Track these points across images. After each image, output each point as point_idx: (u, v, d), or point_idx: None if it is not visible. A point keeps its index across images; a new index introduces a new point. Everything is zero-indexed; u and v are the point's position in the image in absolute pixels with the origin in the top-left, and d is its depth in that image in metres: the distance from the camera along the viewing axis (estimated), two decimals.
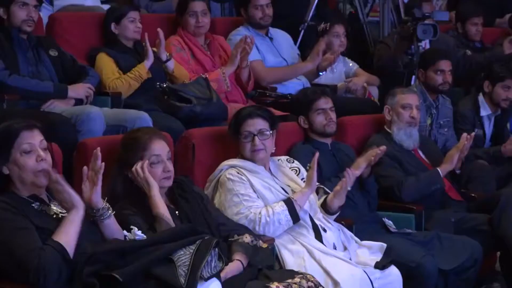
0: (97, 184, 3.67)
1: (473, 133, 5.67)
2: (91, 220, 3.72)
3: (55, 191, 3.63)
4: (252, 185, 4.56)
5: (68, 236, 3.53)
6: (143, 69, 5.52)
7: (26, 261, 3.43)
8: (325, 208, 4.74)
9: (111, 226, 3.75)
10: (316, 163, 4.54)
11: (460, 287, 5.07)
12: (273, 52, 6.57)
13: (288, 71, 6.54)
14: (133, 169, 4.04)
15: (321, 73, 6.65)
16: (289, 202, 4.48)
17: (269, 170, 4.76)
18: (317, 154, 4.58)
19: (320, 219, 4.70)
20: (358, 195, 5.16)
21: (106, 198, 3.77)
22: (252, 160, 4.67)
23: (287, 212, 4.45)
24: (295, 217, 4.48)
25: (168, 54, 5.71)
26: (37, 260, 3.42)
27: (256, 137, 4.63)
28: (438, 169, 5.43)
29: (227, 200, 4.51)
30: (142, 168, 4.02)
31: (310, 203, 4.66)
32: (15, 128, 3.76)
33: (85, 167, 3.67)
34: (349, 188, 4.66)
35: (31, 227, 3.56)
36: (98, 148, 3.69)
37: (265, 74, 6.42)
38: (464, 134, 5.55)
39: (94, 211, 3.71)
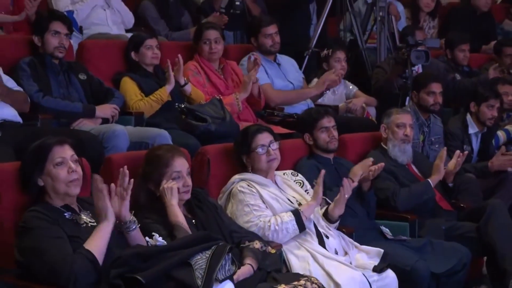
0: (126, 199, 3.68)
1: (465, 152, 5.68)
2: (118, 231, 3.72)
3: (96, 198, 3.63)
4: (261, 196, 4.55)
5: (98, 246, 3.54)
6: (164, 93, 5.53)
7: (58, 267, 3.45)
8: (327, 217, 4.74)
9: (136, 236, 3.75)
10: (322, 179, 4.54)
11: None
12: (280, 76, 6.57)
13: (295, 96, 6.53)
14: (161, 188, 4.06)
15: (325, 93, 6.67)
16: (296, 213, 4.48)
17: (276, 183, 4.75)
18: (323, 172, 4.57)
19: (323, 226, 4.69)
20: (358, 205, 5.14)
21: (133, 212, 3.78)
22: (267, 170, 4.68)
23: (294, 222, 4.45)
24: (301, 227, 4.47)
25: (185, 78, 5.72)
26: (69, 267, 3.43)
27: (270, 148, 4.66)
28: (429, 180, 5.43)
29: (239, 209, 4.51)
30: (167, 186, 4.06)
31: (313, 212, 4.67)
32: (48, 144, 3.78)
33: (112, 184, 3.65)
34: (347, 197, 4.64)
35: (63, 235, 3.58)
36: (125, 166, 3.70)
37: (274, 96, 6.42)
38: (457, 152, 5.56)
39: (122, 223, 3.71)
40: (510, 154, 6.16)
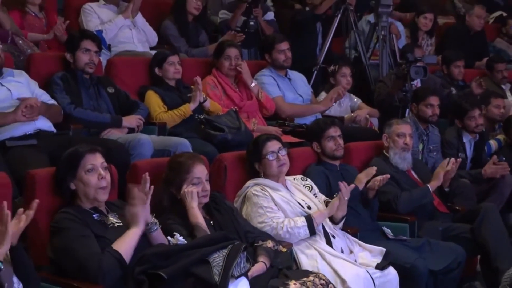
0: (146, 203, 3.67)
1: (459, 159, 5.67)
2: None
3: (130, 205, 3.66)
4: (273, 199, 4.55)
5: (126, 247, 3.55)
6: (188, 110, 5.52)
7: (87, 264, 3.46)
8: (331, 219, 4.74)
9: (158, 237, 3.75)
10: (345, 194, 4.57)
11: (447, 285, 5.02)
12: (291, 90, 6.56)
13: (304, 109, 6.51)
14: (182, 192, 4.07)
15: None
16: (309, 219, 4.48)
17: (286, 187, 4.75)
18: (343, 188, 4.59)
19: (330, 227, 4.68)
20: (362, 208, 5.14)
21: (155, 214, 3.77)
22: (278, 175, 4.68)
23: (306, 228, 4.45)
24: (312, 232, 4.48)
25: (204, 95, 5.72)
26: (97, 264, 3.44)
27: (279, 154, 4.66)
28: (428, 185, 5.42)
29: (253, 211, 4.50)
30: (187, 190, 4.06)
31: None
32: (80, 151, 3.79)
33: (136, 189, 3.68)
34: (346, 199, 4.63)
35: (91, 235, 3.59)
36: (147, 173, 3.69)
37: (286, 108, 6.40)
38: (452, 159, 5.55)
39: (145, 225, 3.72)
40: (501, 163, 6.12)
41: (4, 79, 4.91)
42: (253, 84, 6.19)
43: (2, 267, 3.10)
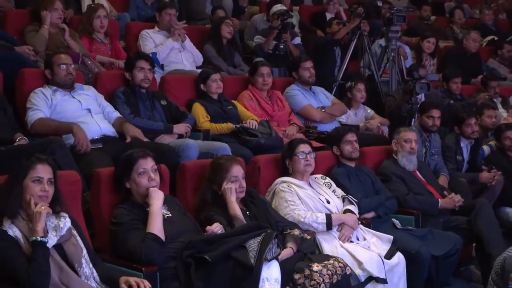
0: None
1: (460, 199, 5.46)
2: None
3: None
4: (297, 195, 4.54)
5: (155, 225, 3.56)
6: (228, 129, 5.48)
7: (135, 252, 3.49)
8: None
9: None
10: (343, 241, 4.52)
11: (447, 268, 4.96)
12: (315, 101, 6.52)
13: (328, 115, 6.44)
14: (222, 188, 4.08)
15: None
16: (329, 218, 4.46)
17: (309, 185, 4.73)
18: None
19: None
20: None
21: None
22: (303, 173, 4.67)
23: (325, 224, 4.44)
24: (329, 228, 4.46)
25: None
26: (141, 250, 3.47)
27: (308, 156, 4.66)
28: (440, 200, 5.34)
29: (280, 204, 4.50)
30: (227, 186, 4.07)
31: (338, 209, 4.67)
32: (134, 156, 3.80)
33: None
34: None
35: (140, 226, 3.59)
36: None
37: (315, 113, 6.35)
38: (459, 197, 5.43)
39: None
40: (494, 172, 6.06)
41: (75, 93, 4.95)
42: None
43: (46, 240, 3.11)
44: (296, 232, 4.13)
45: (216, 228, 3.75)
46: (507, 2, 12.16)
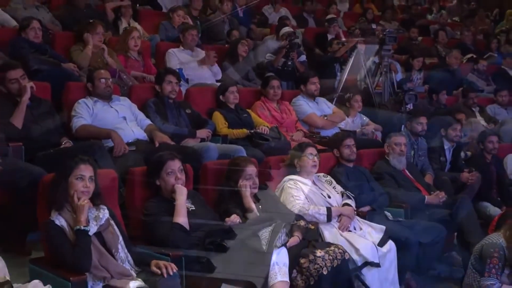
0: None
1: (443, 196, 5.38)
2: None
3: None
4: (302, 191, 4.53)
5: (180, 216, 3.57)
6: (244, 133, 5.45)
7: (163, 238, 3.49)
8: None
9: None
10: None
11: (432, 254, 4.91)
12: (318, 110, 6.50)
13: (330, 123, 6.41)
14: (239, 185, 4.08)
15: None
16: (329, 210, 4.44)
17: (313, 182, 4.71)
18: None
19: None
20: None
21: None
22: (309, 172, 4.65)
23: (325, 215, 4.41)
24: (329, 219, 4.43)
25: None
26: (168, 238, 3.48)
27: (315, 157, 4.66)
28: (426, 197, 5.30)
29: (287, 199, 4.47)
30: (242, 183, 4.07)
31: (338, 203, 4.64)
32: (164, 158, 3.80)
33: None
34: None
35: (167, 219, 3.59)
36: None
37: (318, 120, 6.32)
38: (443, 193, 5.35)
39: None
40: (472, 174, 6.00)
41: (113, 103, 4.96)
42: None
43: (88, 229, 3.12)
44: (302, 222, 4.11)
45: (235, 219, 3.75)
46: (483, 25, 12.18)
